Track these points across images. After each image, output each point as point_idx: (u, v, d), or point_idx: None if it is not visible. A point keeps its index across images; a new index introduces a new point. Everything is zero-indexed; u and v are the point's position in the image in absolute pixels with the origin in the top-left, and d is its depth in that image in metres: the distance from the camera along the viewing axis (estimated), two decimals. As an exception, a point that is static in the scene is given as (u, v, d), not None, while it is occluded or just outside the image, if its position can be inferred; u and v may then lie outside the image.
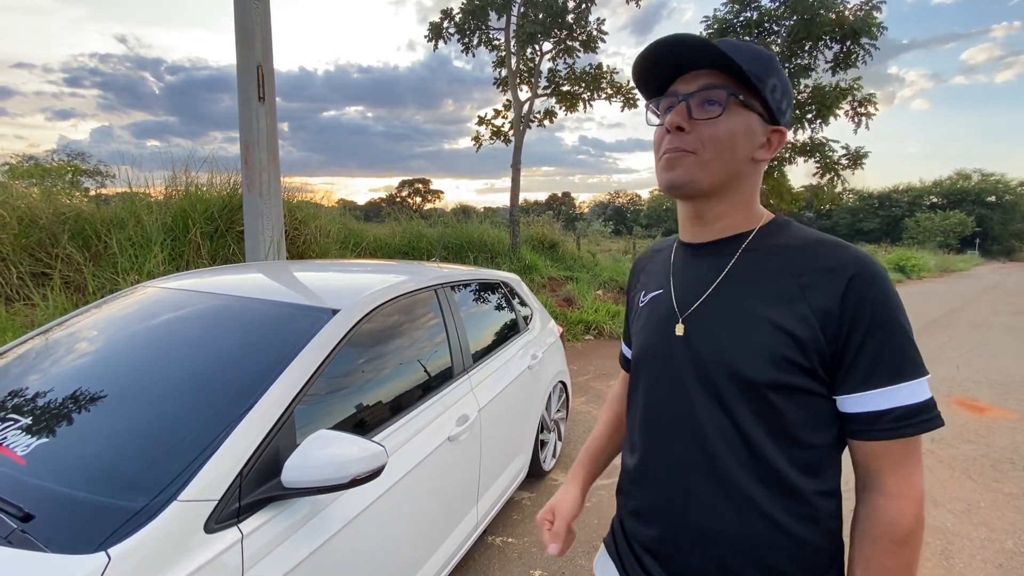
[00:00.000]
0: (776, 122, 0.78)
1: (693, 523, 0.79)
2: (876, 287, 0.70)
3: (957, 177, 51.36)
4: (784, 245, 0.78)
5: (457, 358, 2.18)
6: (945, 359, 6.54)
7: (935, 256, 27.86)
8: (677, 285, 0.86)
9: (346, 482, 1.24)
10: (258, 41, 4.49)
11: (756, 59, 0.74)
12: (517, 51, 9.98)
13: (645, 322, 0.90)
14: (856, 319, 0.69)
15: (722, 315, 0.78)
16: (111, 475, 1.18)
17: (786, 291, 0.73)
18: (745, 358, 0.74)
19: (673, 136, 0.77)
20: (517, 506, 2.84)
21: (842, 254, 0.72)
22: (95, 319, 1.85)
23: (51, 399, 1.42)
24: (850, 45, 9.78)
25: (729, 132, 0.75)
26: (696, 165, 0.76)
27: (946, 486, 3.18)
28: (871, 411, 0.70)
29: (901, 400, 0.69)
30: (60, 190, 6.35)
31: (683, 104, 0.76)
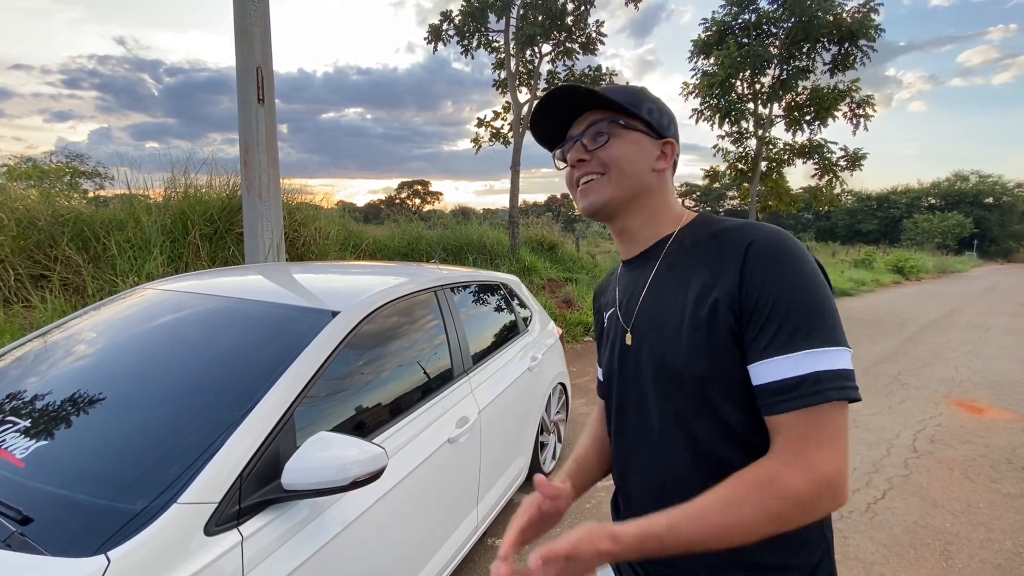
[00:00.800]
0: (663, 136, 0.87)
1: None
2: (774, 259, 0.71)
3: (955, 179, 51.48)
4: (698, 240, 0.83)
5: (457, 360, 2.18)
6: (944, 360, 6.55)
7: (933, 257, 27.92)
8: (621, 299, 0.93)
9: (346, 484, 1.24)
10: (257, 42, 4.49)
11: (628, 93, 0.86)
12: (516, 53, 10.00)
13: (605, 340, 0.96)
14: (754, 293, 0.70)
15: (653, 318, 0.83)
16: (110, 477, 1.18)
17: (704, 283, 0.76)
18: (676, 355, 0.77)
19: (578, 168, 0.88)
20: (517, 508, 2.83)
21: (741, 235, 0.76)
22: (94, 321, 1.85)
23: (50, 401, 1.42)
24: (848, 47, 9.83)
25: (621, 150, 0.85)
26: (606, 184, 0.86)
27: (945, 487, 3.19)
28: (766, 382, 0.68)
29: (799, 369, 0.66)
30: (58, 192, 6.34)
31: (578, 143, 0.88)
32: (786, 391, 0.67)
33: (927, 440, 3.92)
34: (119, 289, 4.26)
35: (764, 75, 10.62)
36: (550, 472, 3.20)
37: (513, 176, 10.30)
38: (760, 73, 10.51)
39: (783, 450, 0.67)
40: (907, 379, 5.64)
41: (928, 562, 2.46)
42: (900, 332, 8.48)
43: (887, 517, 2.82)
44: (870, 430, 4.09)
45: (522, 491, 2.97)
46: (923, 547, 2.57)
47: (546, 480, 0.87)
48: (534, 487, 0.88)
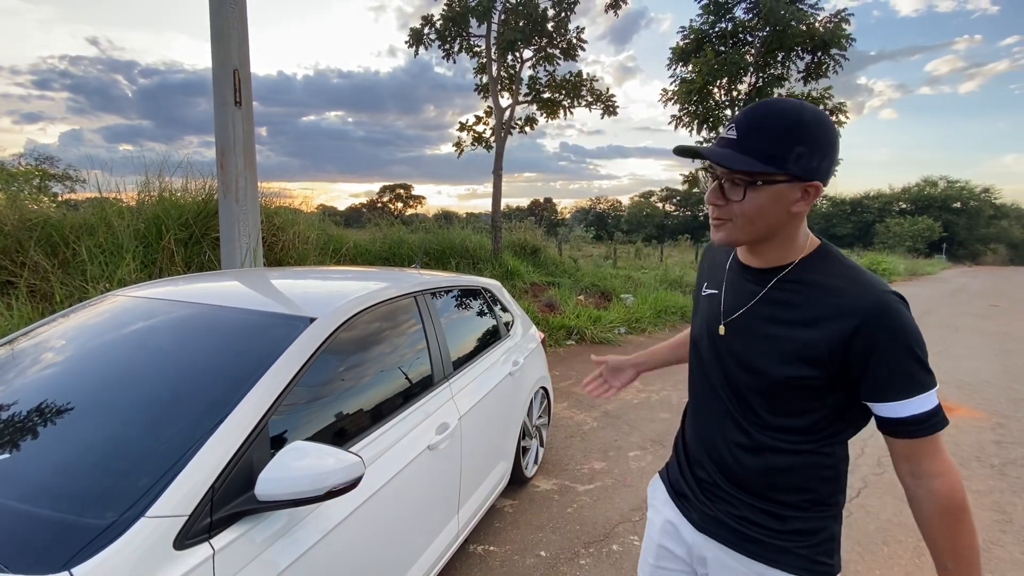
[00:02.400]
0: (809, 179, 0.89)
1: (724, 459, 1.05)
2: (883, 329, 0.86)
3: (924, 184, 52.97)
4: (814, 281, 0.94)
5: (437, 366, 2.16)
6: (915, 361, 6.72)
7: (904, 260, 28.66)
8: (727, 294, 1.06)
9: (322, 494, 1.22)
10: (234, 44, 4.42)
11: (776, 137, 0.87)
12: (498, 58, 10.03)
13: (703, 312, 1.12)
14: (862, 353, 0.87)
15: (751, 329, 0.99)
16: (76, 491, 1.14)
17: (805, 319, 0.92)
18: (768, 362, 0.95)
19: (713, 208, 0.97)
20: (499, 514, 2.82)
21: (858, 300, 0.89)
22: (60, 329, 1.80)
23: (12, 412, 1.37)
24: (821, 56, 10.07)
25: (754, 207, 0.91)
26: (733, 230, 0.95)
27: (917, 485, 3.26)
28: (893, 417, 0.88)
29: (914, 410, 0.86)
30: (27, 195, 6.15)
31: (717, 184, 0.95)
32: (909, 424, 0.88)
33: (900, 439, 4.01)
34: (89, 296, 4.14)
35: (741, 82, 10.82)
36: (532, 476, 3.20)
37: (496, 180, 10.31)
38: (737, 80, 10.71)
39: (926, 464, 0.89)
40: (880, 379, 5.77)
41: (902, 559, 2.52)
42: (874, 333, 8.68)
43: (861, 516, 2.88)
44: (845, 430, 4.17)
45: (504, 497, 2.96)
46: (896, 544, 2.63)
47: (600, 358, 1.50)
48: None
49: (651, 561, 1.21)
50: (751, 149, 0.88)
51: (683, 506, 1.14)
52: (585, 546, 2.56)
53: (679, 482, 1.17)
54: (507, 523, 2.74)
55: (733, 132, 0.91)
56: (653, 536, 1.21)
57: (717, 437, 1.06)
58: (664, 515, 1.19)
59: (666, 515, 1.18)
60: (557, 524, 2.74)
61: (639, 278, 11.75)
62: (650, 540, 1.23)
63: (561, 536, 2.64)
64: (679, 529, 1.15)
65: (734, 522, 1.03)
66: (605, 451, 3.67)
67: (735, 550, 1.03)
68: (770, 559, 0.99)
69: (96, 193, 5.75)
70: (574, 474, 3.31)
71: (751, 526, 1.01)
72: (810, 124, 0.87)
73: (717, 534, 1.05)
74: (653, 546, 1.20)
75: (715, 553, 1.06)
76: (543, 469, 3.35)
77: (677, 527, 1.15)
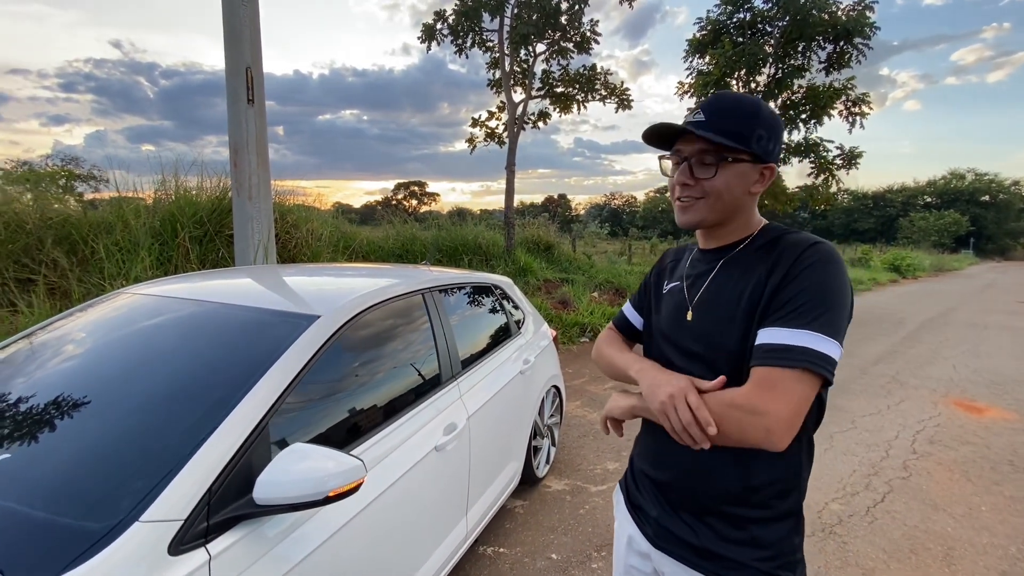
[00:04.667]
0: (766, 161, 0.97)
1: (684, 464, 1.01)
2: (819, 262, 0.88)
3: (951, 177, 51.57)
4: (761, 245, 0.99)
5: (445, 364, 2.12)
6: (942, 359, 6.52)
7: (930, 256, 27.94)
8: (689, 281, 1.07)
9: (321, 499, 1.18)
10: (246, 43, 4.43)
11: (741, 120, 0.94)
12: (511, 52, 9.94)
13: (667, 307, 1.11)
14: (791, 282, 0.88)
15: (714, 302, 0.99)
16: (71, 494, 1.12)
17: (759, 277, 0.93)
18: (725, 336, 0.94)
19: (682, 188, 1.00)
20: (510, 515, 2.77)
21: (800, 240, 0.93)
22: (66, 328, 1.79)
23: (10, 413, 1.35)
24: (843, 45, 9.79)
25: (724, 183, 0.96)
26: (704, 208, 0.99)
27: (945, 489, 3.14)
28: (765, 342, 0.86)
29: (794, 340, 0.83)
30: (53, 195, 6.28)
31: (686, 164, 0.99)
32: (775, 351, 0.84)
33: (927, 441, 3.88)
34: (106, 292, 4.19)
35: (759, 74, 10.58)
36: (543, 476, 3.15)
37: (508, 176, 10.24)
38: (755, 72, 10.47)
39: (755, 386, 0.84)
40: (905, 379, 5.60)
41: (930, 568, 2.41)
42: (898, 331, 8.45)
43: (887, 521, 2.77)
44: (868, 431, 4.04)
45: (515, 497, 2.92)
46: (925, 552, 2.52)
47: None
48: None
49: (620, 573, 1.19)
50: (721, 129, 0.93)
51: (638, 518, 1.12)
52: (597, 549, 2.50)
53: (635, 493, 1.15)
54: (518, 524, 2.70)
55: (701, 116, 0.96)
56: (620, 553, 1.20)
57: (662, 438, 1.00)
58: (626, 529, 1.17)
59: (627, 529, 1.16)
60: (569, 526, 2.69)
61: (655, 274, 11.58)
62: (618, 557, 1.21)
63: (573, 538, 2.58)
64: (639, 544, 1.12)
65: (689, 535, 1.00)
66: (618, 451, 3.60)
67: (690, 567, 1.00)
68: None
69: (116, 192, 5.83)
70: (587, 474, 3.25)
71: (707, 538, 0.98)
72: (766, 112, 0.96)
73: (671, 550, 1.03)
74: (621, 564, 1.19)
75: (672, 570, 1.03)
76: (555, 469, 3.30)
77: (637, 542, 1.13)
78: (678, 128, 0.99)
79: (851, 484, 3.16)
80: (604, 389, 5.01)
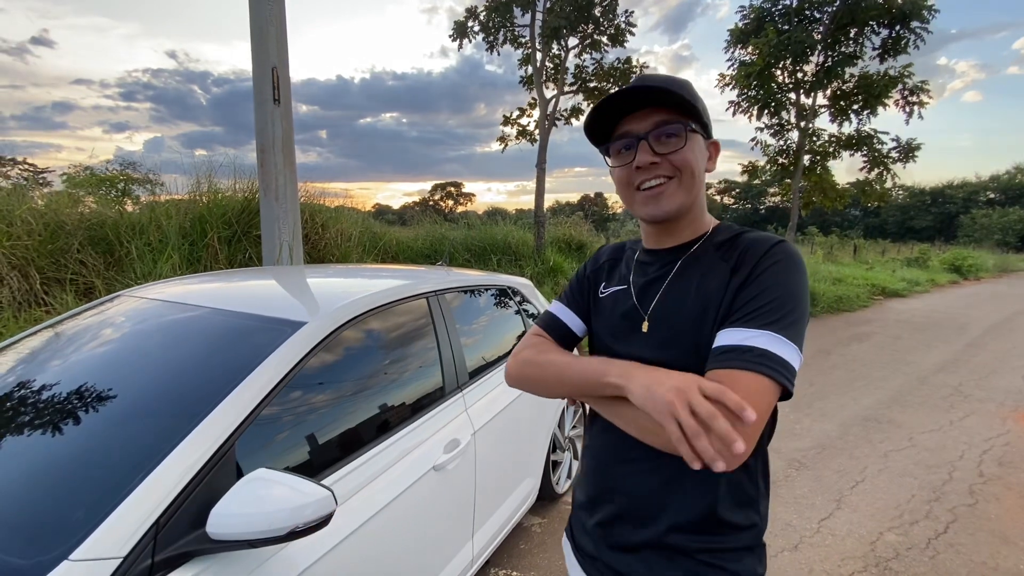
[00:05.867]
0: (710, 136, 0.90)
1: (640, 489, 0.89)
2: (780, 263, 0.80)
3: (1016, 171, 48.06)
4: (721, 243, 0.88)
5: (450, 375, 1.96)
6: (1009, 369, 5.93)
7: (993, 255, 26.03)
8: (636, 283, 0.94)
9: (284, 534, 1.04)
10: (272, 42, 4.41)
11: (682, 89, 0.84)
12: (542, 47, 9.74)
13: (607, 312, 0.98)
14: (749, 284, 0.80)
15: (672, 308, 0.87)
16: (7, 523, 1.01)
17: (708, 282, 0.84)
18: (686, 343, 0.84)
19: (646, 170, 0.86)
20: (526, 533, 2.60)
21: (762, 241, 0.84)
22: (48, 335, 1.72)
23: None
24: (899, 30, 9.13)
25: (694, 155, 0.85)
26: (677, 189, 0.86)
27: (1017, 519, 2.77)
28: (722, 344, 0.77)
29: (751, 342, 0.74)
30: (112, 198, 6.54)
31: (643, 142, 0.85)
32: (733, 352, 0.74)
33: (995, 462, 3.47)
34: (134, 293, 4.25)
35: (807, 62, 9.99)
36: (564, 492, 2.95)
37: (539, 174, 10.04)
38: (802, 60, 9.89)
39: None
40: (969, 390, 5.11)
41: (1005, 616, 2.09)
42: (960, 337, 7.79)
43: (950, 556, 2.45)
44: (929, 450, 3.66)
45: (532, 514, 2.74)
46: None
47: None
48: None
49: None
50: (670, 97, 0.83)
51: (588, 565, 0.98)
52: None
53: (582, 536, 1.01)
54: (534, 544, 2.51)
55: (639, 85, 0.85)
56: None
57: (622, 463, 0.91)
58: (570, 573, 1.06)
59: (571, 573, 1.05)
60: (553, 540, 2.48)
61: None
62: None
63: (592, 563, 2.38)
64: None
65: (644, 573, 0.88)
66: (647, 465, 3.36)
67: None
68: None
69: (169, 195, 5.99)
70: (611, 490, 3.03)
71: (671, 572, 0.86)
72: (694, 89, 0.88)
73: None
74: None
75: None
76: (577, 483, 3.09)
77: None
78: (630, 93, 0.84)
79: (909, 511, 2.83)
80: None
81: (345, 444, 1.48)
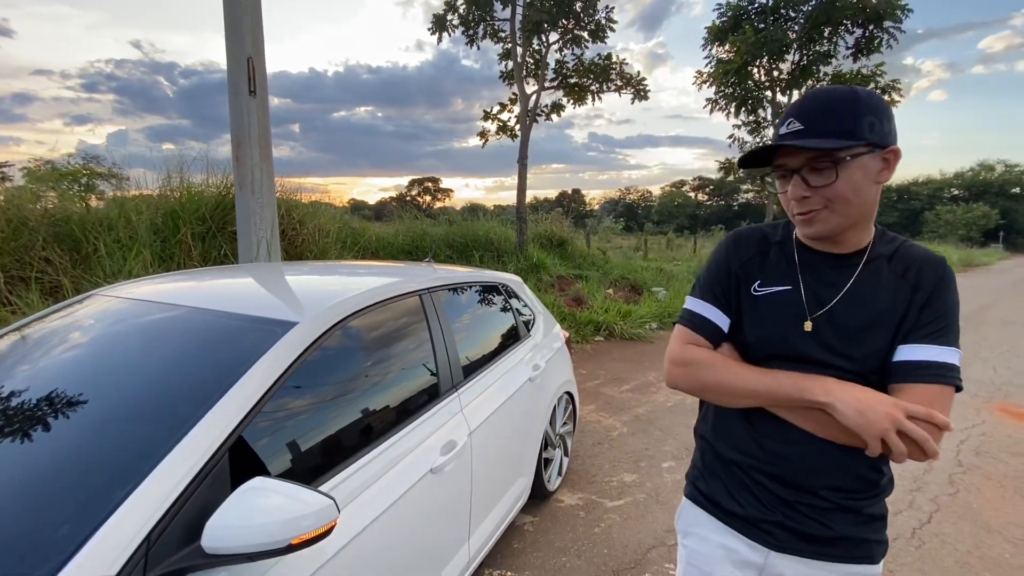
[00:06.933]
0: (885, 145, 0.90)
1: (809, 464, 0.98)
2: (949, 286, 0.94)
3: (980, 168, 49.90)
4: (891, 257, 0.97)
5: (444, 374, 1.91)
6: (980, 360, 6.14)
7: (958, 250, 27.02)
8: (809, 287, 0.99)
9: (284, 547, 0.99)
10: (247, 32, 4.27)
11: (843, 115, 0.88)
12: (523, 42, 9.68)
13: (767, 312, 1.02)
14: (933, 303, 0.92)
15: (851, 316, 0.95)
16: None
17: (905, 298, 0.93)
18: (866, 352, 0.93)
19: (800, 203, 0.94)
20: (518, 532, 2.57)
21: (932, 264, 0.95)
22: (16, 337, 1.61)
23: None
24: (872, 29, 9.35)
25: (849, 185, 0.89)
26: (831, 216, 0.92)
27: (998, 508, 2.85)
28: (913, 359, 0.89)
29: (942, 357, 0.88)
30: (75, 193, 6.24)
31: (797, 177, 0.93)
32: (931, 367, 0.88)
33: (972, 452, 3.58)
34: (104, 292, 4.06)
35: (783, 61, 10.17)
36: (555, 490, 2.93)
37: (521, 170, 9.99)
38: (778, 59, 10.06)
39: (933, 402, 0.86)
40: (942, 381, 5.26)
41: (989, 602, 2.15)
42: (929, 329, 8.03)
43: (936, 546, 2.50)
44: (907, 440, 3.74)
45: (525, 513, 2.71)
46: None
47: None
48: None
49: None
50: (825, 131, 0.88)
51: (746, 528, 1.06)
52: (615, 573, 2.28)
53: (732, 503, 1.08)
54: (527, 544, 2.49)
55: (796, 124, 0.90)
56: (705, 567, 1.12)
57: (793, 446, 0.98)
58: (716, 542, 1.11)
59: (720, 541, 1.10)
60: (583, 546, 2.47)
61: (671, 270, 11.29)
62: (700, 573, 1.13)
63: (587, 561, 2.37)
64: (741, 554, 1.07)
65: (819, 530, 0.99)
66: (636, 461, 3.37)
67: (825, 560, 1.00)
68: (856, 556, 0.99)
69: (138, 191, 5.76)
70: (602, 487, 3.02)
71: (837, 527, 0.99)
72: (865, 96, 0.90)
73: (805, 550, 1.01)
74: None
75: (801, 570, 1.02)
76: (568, 481, 3.08)
77: (738, 551, 1.08)
78: (777, 146, 0.93)
79: (893, 501, 2.87)
80: (620, 392, 4.77)
81: (342, 448, 1.42)
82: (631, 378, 5.20)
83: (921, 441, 0.81)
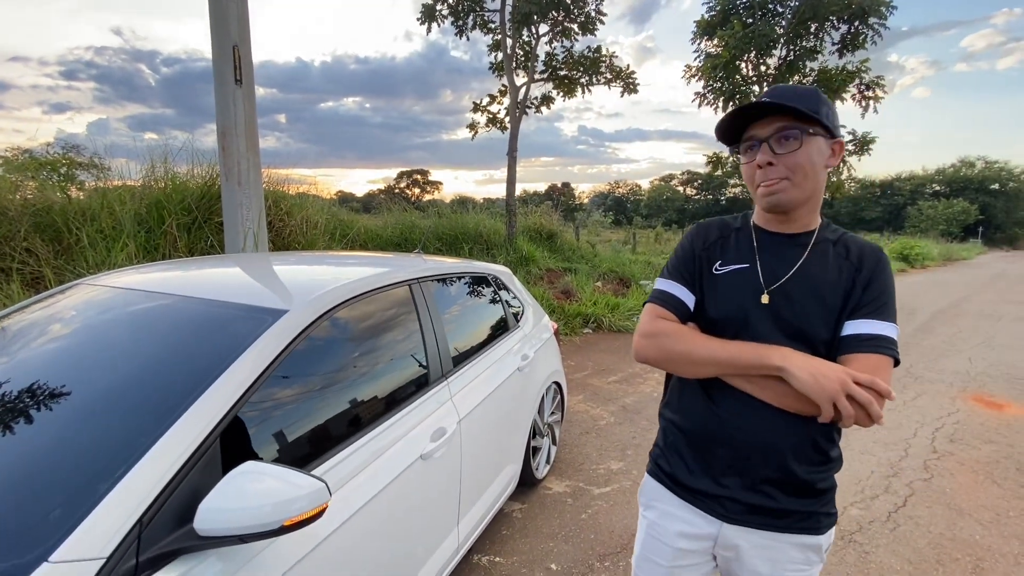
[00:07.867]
0: (835, 136, 1.04)
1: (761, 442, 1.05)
2: (886, 269, 1.06)
3: (960, 165, 50.69)
4: (836, 242, 1.09)
5: (434, 363, 1.93)
6: (956, 352, 6.30)
7: (938, 245, 27.50)
8: (765, 264, 1.08)
9: (276, 528, 1.00)
10: (233, 20, 4.22)
11: (809, 99, 1.00)
12: (512, 33, 9.64)
13: (727, 289, 1.10)
14: (873, 286, 1.03)
15: (803, 289, 1.04)
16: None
17: (847, 277, 1.04)
18: (814, 323, 1.03)
19: (765, 170, 1.03)
20: (507, 519, 2.61)
21: (871, 249, 1.07)
22: (4, 325, 1.60)
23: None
24: (858, 25, 9.45)
25: (807, 157, 1.00)
26: (789, 187, 1.02)
27: (970, 492, 2.95)
28: (858, 332, 1.00)
29: (880, 330, 0.99)
30: (55, 183, 6.11)
31: (765, 144, 1.02)
32: (874, 340, 0.98)
33: (946, 439, 3.68)
34: (87, 282, 4.01)
35: (770, 56, 10.24)
36: (543, 477, 2.98)
37: (510, 162, 9.98)
38: (766, 54, 10.13)
39: (876, 371, 0.95)
40: (920, 372, 5.40)
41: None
42: (910, 322, 8.22)
43: (910, 528, 2.59)
44: (885, 428, 3.85)
45: (513, 500, 2.75)
46: (953, 563, 2.34)
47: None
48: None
49: (665, 563, 1.18)
50: (798, 106, 0.98)
51: (701, 502, 1.13)
52: (600, 559, 2.33)
53: (688, 478, 1.14)
54: (515, 530, 2.53)
55: (767, 99, 1.01)
56: (663, 538, 1.19)
57: (750, 417, 1.05)
58: (674, 515, 1.17)
59: (677, 514, 1.17)
60: (570, 532, 2.52)
61: (659, 264, 11.38)
62: (658, 543, 1.20)
63: (574, 546, 2.41)
64: (696, 525, 1.14)
65: (769, 503, 1.05)
66: (623, 449, 3.43)
67: (769, 530, 1.07)
68: (804, 528, 1.06)
69: (120, 180, 5.66)
70: (589, 475, 3.07)
71: (787, 501, 1.05)
72: (821, 93, 1.03)
73: (754, 521, 1.07)
74: (666, 549, 1.18)
75: (752, 540, 1.08)
76: (555, 469, 3.13)
77: (693, 523, 1.14)
78: (758, 106, 1.01)
79: (870, 486, 2.98)
80: (608, 382, 4.83)
81: (333, 435, 1.44)
82: (618, 369, 5.26)
83: (866, 404, 0.90)
